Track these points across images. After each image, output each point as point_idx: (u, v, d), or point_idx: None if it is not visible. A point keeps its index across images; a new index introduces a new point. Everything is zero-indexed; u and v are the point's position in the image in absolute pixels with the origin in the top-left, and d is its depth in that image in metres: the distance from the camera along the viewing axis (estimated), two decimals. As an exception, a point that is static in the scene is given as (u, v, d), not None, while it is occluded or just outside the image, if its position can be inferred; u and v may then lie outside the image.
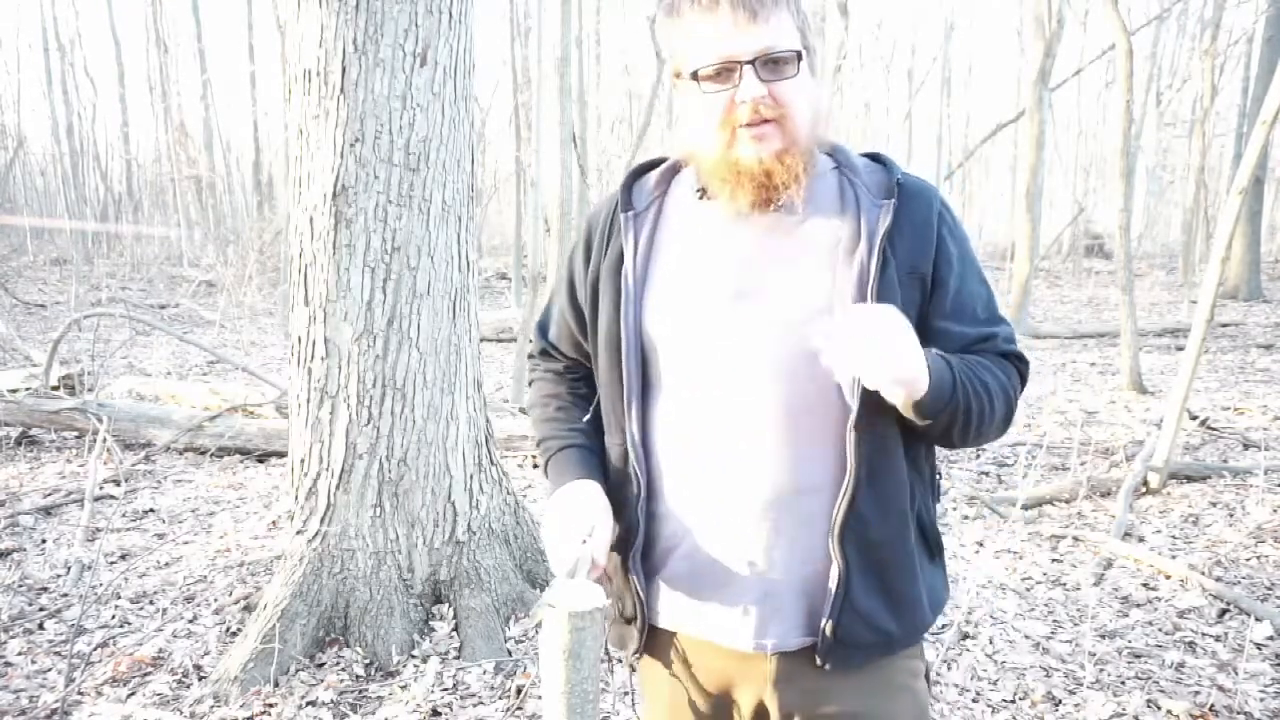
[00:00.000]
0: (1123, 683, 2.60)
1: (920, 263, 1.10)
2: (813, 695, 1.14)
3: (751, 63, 1.01)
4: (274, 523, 3.90)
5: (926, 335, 1.09)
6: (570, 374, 1.33)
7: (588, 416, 1.27)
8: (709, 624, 1.16)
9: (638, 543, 1.17)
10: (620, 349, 1.14)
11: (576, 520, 1.13)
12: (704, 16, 1.03)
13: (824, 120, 1.11)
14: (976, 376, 1.07)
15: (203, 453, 5.03)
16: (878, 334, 0.94)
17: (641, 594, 1.18)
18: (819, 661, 1.11)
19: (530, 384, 1.39)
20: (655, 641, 1.22)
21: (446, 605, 2.88)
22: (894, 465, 1.10)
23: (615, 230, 1.17)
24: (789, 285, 1.09)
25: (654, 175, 1.20)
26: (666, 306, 1.13)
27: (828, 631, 1.09)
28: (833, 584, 1.08)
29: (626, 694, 2.57)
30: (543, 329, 1.35)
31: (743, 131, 1.03)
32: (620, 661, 1.25)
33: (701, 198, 1.14)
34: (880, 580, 1.10)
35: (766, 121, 1.03)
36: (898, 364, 0.95)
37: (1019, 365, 1.17)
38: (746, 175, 1.05)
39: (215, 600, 3.13)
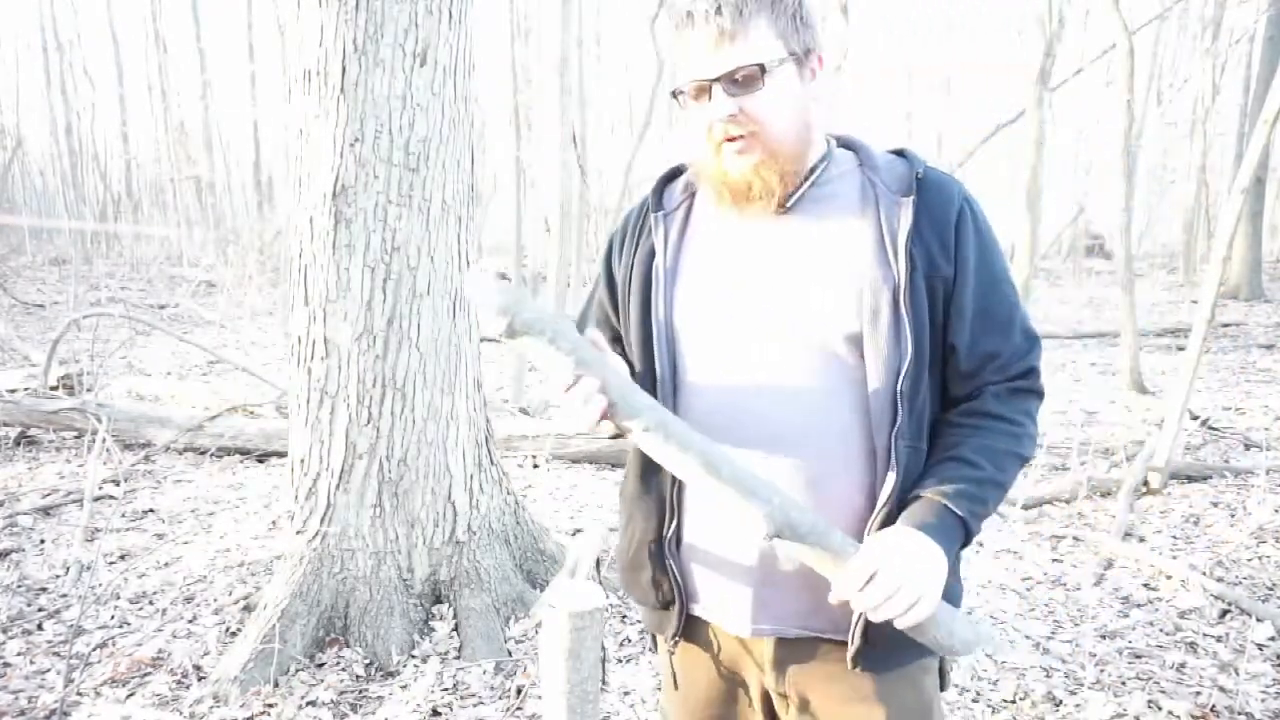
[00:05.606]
0: (1123, 683, 2.60)
1: (941, 265, 1.07)
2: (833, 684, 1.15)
3: (718, 80, 1.03)
4: (274, 523, 3.90)
5: (945, 349, 1.10)
6: None
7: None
8: (733, 613, 1.16)
9: (670, 530, 1.18)
10: (651, 340, 1.17)
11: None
12: (683, 35, 1.06)
13: (820, 120, 1.11)
14: (992, 484, 1.06)
15: (202, 453, 5.02)
16: (901, 585, 0.95)
17: (679, 579, 1.19)
18: (851, 665, 1.11)
19: None
20: (692, 627, 1.23)
21: (446, 605, 2.88)
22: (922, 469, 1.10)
23: (646, 229, 1.22)
24: (811, 286, 1.09)
25: (683, 180, 1.24)
26: (694, 301, 1.16)
27: (857, 635, 1.08)
28: None
29: (627, 694, 2.57)
30: (579, 326, 1.37)
31: (725, 146, 1.07)
32: (654, 648, 1.30)
33: None
34: None
35: (743, 137, 1.05)
36: (925, 604, 0.97)
37: (1035, 394, 1.14)
38: (728, 186, 1.09)
39: (215, 600, 3.12)
